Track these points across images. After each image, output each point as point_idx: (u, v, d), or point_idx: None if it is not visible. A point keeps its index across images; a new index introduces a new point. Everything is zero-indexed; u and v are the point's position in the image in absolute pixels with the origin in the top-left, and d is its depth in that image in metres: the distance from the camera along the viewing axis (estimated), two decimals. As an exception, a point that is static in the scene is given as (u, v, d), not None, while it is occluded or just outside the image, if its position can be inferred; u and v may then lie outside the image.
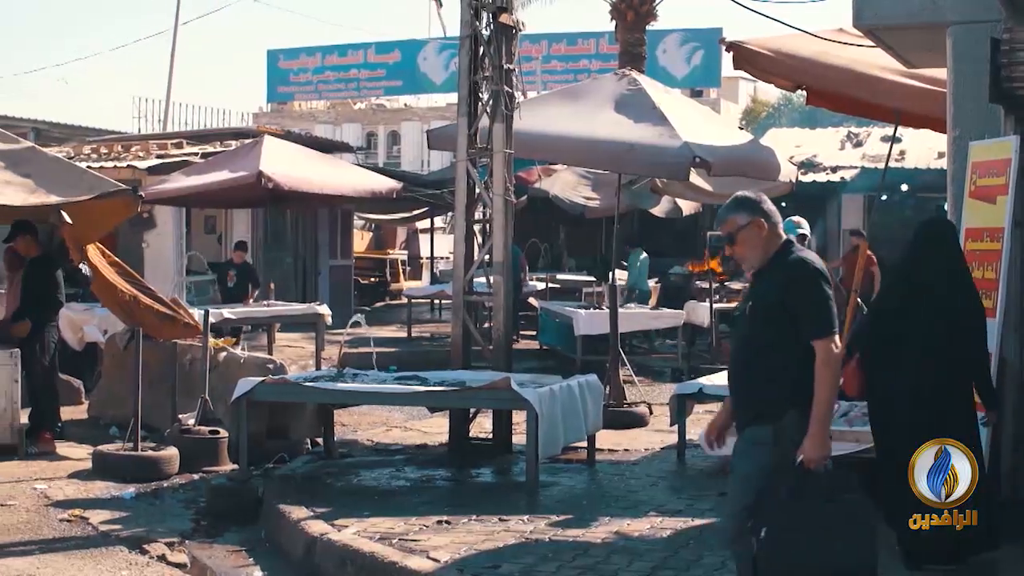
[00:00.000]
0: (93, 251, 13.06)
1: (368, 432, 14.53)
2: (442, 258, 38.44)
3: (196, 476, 12.21)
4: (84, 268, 13.01)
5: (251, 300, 20.05)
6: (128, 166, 22.88)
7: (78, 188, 12.63)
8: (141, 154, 24.55)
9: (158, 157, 24.07)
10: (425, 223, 38.04)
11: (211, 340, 14.01)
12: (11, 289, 14.37)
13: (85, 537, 10.08)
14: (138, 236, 23.38)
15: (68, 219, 12.76)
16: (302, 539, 9.45)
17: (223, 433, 12.71)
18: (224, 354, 14.42)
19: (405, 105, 68.36)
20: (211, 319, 14.40)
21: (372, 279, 37.96)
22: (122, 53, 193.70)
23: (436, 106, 64.32)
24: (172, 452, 12.31)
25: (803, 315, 6.20)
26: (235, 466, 11.99)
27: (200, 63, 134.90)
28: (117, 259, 13.55)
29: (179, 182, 20.46)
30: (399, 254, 41.67)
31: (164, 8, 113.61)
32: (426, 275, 39.41)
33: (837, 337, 6.20)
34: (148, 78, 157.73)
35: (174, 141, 26.57)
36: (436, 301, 30.39)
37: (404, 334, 25.76)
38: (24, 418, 13.38)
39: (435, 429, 13.89)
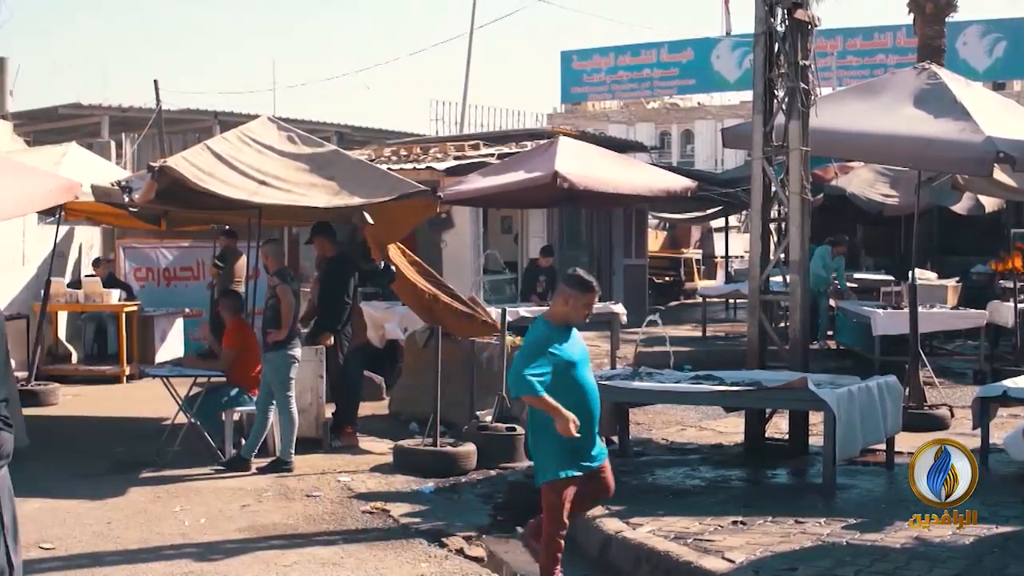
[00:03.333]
0: (394, 250, 13.43)
1: (663, 431, 14.55)
2: (737, 257, 38.15)
3: (493, 472, 12.42)
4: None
5: None
6: (427, 167, 23.40)
7: (379, 189, 12.98)
8: (439, 156, 25.08)
9: (455, 158, 24.55)
10: (719, 222, 37.85)
11: (508, 338, 14.20)
12: (314, 287, 14.82)
13: (386, 529, 10.37)
14: (436, 236, 23.91)
15: (370, 219, 13.14)
16: (598, 536, 9.52)
17: (520, 430, 12.87)
18: (520, 352, 14.58)
19: (698, 104, 68.05)
20: (508, 317, 14.59)
21: (667, 278, 37.92)
22: (420, 58, 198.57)
23: (730, 104, 63.93)
24: (470, 448, 12.54)
25: None
26: (531, 463, 12.10)
27: (495, 65, 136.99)
28: (417, 258, 13.88)
29: (476, 183, 20.79)
30: (693, 253, 41.52)
31: (460, 12, 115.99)
32: (720, 274, 39.20)
33: None
34: (445, 81, 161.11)
35: (471, 143, 27.06)
36: (731, 300, 30.17)
37: (699, 333, 25.67)
38: (328, 413, 13.81)
39: (730, 429, 13.82)
